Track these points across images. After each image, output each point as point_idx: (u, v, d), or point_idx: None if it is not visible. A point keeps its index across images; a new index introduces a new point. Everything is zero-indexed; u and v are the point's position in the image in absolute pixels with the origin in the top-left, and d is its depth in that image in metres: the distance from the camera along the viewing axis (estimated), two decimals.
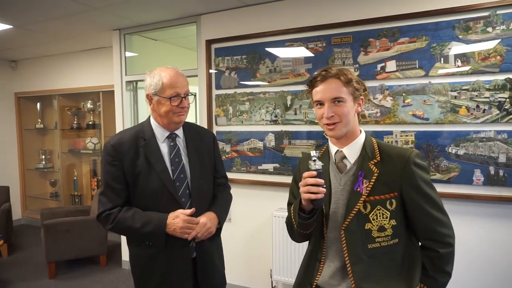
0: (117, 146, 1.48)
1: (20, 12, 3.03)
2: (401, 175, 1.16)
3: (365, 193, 1.17)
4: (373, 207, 1.17)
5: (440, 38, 2.29)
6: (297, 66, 2.75)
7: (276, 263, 2.83)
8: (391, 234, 1.17)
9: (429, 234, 1.18)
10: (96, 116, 4.88)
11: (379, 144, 1.24)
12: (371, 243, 1.18)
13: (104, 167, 1.50)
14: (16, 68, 5.30)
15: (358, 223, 1.18)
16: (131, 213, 1.46)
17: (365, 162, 1.20)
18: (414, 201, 1.17)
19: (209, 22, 3.10)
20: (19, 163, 5.38)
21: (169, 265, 1.49)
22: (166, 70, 1.50)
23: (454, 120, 2.28)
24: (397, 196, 1.17)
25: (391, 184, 1.17)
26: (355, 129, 1.23)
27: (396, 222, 1.17)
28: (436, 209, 1.17)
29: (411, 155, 1.17)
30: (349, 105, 1.19)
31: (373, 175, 1.17)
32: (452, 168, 2.30)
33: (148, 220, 1.44)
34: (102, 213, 1.48)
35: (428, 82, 2.33)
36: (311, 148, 2.73)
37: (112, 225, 1.46)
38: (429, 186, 1.18)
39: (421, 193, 1.16)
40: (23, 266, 3.81)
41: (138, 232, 1.44)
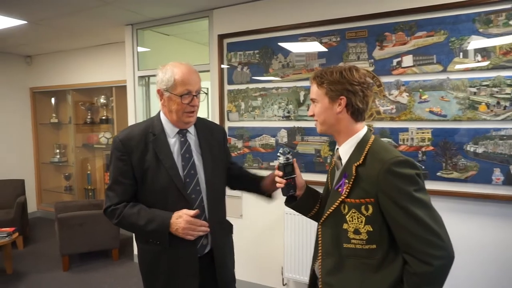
0: (125, 140, 1.46)
1: (34, 8, 3.05)
2: (376, 182, 1.11)
3: (344, 194, 1.18)
4: (350, 209, 1.17)
5: (459, 32, 2.21)
6: (310, 61, 2.70)
7: (287, 261, 2.81)
8: (366, 239, 1.15)
9: (405, 248, 1.11)
10: (109, 111, 4.92)
11: (372, 146, 1.19)
12: (346, 243, 1.19)
13: (112, 162, 1.48)
14: (31, 63, 5.37)
15: (335, 221, 1.21)
16: (137, 209, 1.44)
17: (350, 163, 1.20)
18: (388, 212, 1.11)
19: (221, 16, 3.07)
20: (35, 157, 5.47)
21: (176, 264, 1.48)
22: (179, 66, 1.47)
23: (473, 117, 2.20)
24: (374, 203, 1.13)
25: (368, 189, 1.14)
26: (347, 127, 1.22)
27: (372, 228, 1.14)
28: (416, 224, 1.06)
29: (388, 161, 1.10)
30: (323, 106, 1.22)
31: (351, 178, 1.17)
32: (470, 167, 2.23)
33: (152, 218, 1.42)
34: (108, 208, 1.47)
35: (446, 78, 2.26)
36: (324, 144, 2.69)
37: (118, 220, 1.45)
38: (409, 199, 1.07)
39: (396, 204, 1.08)
40: (38, 258, 3.88)
41: (142, 229, 1.43)
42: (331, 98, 1.20)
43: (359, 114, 1.22)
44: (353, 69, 1.20)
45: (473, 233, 2.24)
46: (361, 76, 1.20)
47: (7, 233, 3.34)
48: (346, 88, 1.18)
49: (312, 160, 2.74)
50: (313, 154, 2.74)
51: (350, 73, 1.18)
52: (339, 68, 1.21)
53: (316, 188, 1.48)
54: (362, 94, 1.19)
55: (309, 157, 2.75)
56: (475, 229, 2.25)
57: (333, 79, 1.19)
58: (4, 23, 3.44)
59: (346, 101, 1.19)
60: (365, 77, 1.21)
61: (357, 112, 1.21)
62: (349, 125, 1.22)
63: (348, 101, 1.19)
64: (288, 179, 1.34)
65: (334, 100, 1.20)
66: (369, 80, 1.24)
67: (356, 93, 1.18)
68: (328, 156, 2.68)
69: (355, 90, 1.18)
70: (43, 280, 3.36)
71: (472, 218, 2.26)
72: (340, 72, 1.19)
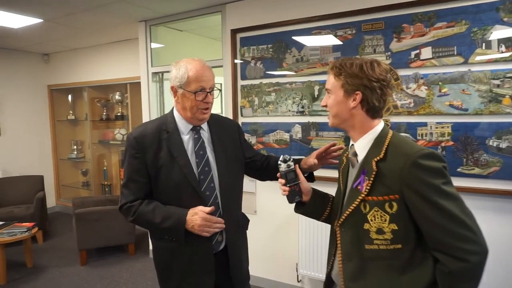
0: (139, 138, 1.45)
1: (50, 6, 3.08)
2: (401, 177, 1.04)
3: (365, 192, 1.10)
4: (371, 208, 1.10)
5: (481, 22, 2.12)
6: (325, 54, 2.64)
7: (302, 257, 2.78)
8: (391, 239, 1.07)
9: (437, 246, 1.03)
10: (124, 107, 4.96)
11: (392, 140, 1.12)
12: (368, 244, 1.11)
13: (126, 160, 1.47)
14: (49, 61, 5.46)
15: (356, 222, 1.14)
16: (152, 207, 1.44)
17: (369, 158, 1.13)
18: (416, 207, 1.03)
19: (234, 11, 3.03)
20: (53, 153, 5.58)
21: (191, 260, 1.47)
22: (193, 63, 1.45)
23: (496, 110, 2.11)
24: (399, 199, 1.06)
25: (391, 185, 1.06)
26: (362, 123, 1.16)
27: (397, 226, 1.06)
28: (448, 220, 0.99)
29: (414, 154, 1.03)
30: (337, 98, 1.16)
31: (372, 173, 1.09)
32: (493, 163, 2.15)
33: (168, 215, 1.41)
34: (123, 205, 1.46)
35: (468, 70, 2.17)
36: (340, 140, 2.64)
37: (133, 218, 1.45)
38: (440, 193, 1.01)
39: (425, 199, 1.01)
40: (57, 253, 3.97)
41: (158, 227, 1.42)
42: (347, 92, 1.14)
43: (375, 112, 1.15)
44: (374, 63, 1.13)
45: (495, 231, 2.15)
46: (382, 72, 1.12)
47: (27, 228, 3.42)
48: (364, 84, 1.11)
49: None
50: None
51: (371, 68, 1.11)
52: (360, 60, 1.13)
53: (333, 185, 1.43)
54: (380, 92, 1.12)
55: None
56: (497, 227, 2.17)
57: (352, 72, 1.12)
58: (22, 21, 3.50)
59: (361, 97, 1.12)
60: (386, 74, 1.13)
61: (372, 110, 1.14)
62: (364, 121, 1.16)
63: (363, 97, 1.12)
64: (292, 186, 1.32)
65: (349, 94, 1.14)
66: (390, 77, 1.16)
67: (373, 90, 1.11)
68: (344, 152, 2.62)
69: (373, 87, 1.11)
70: (62, 274, 3.44)
71: (495, 216, 2.18)
72: (360, 65, 1.12)
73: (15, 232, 3.33)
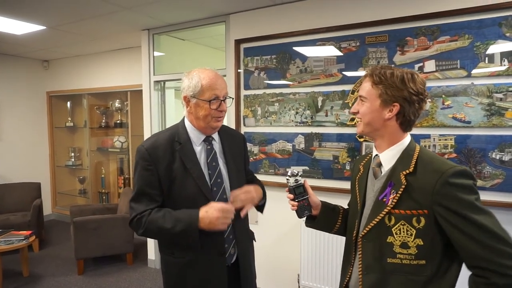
0: (151, 150, 1.43)
1: (53, 14, 3.09)
2: (432, 193, 1.02)
3: (391, 205, 1.09)
4: (397, 221, 1.08)
5: (484, 36, 2.16)
6: (329, 66, 2.66)
7: (304, 268, 2.77)
8: (415, 254, 1.06)
9: (476, 262, 1.00)
10: (124, 115, 4.95)
11: (421, 154, 1.11)
12: (391, 258, 1.09)
13: (137, 172, 1.43)
14: (48, 67, 5.45)
15: (379, 234, 1.12)
16: (162, 213, 1.40)
17: (397, 171, 1.11)
18: (451, 225, 1.01)
19: (238, 21, 3.06)
20: (50, 160, 5.53)
21: (205, 274, 1.44)
22: (205, 72, 1.44)
23: (499, 123, 2.14)
24: (428, 215, 1.04)
25: (420, 200, 1.05)
26: (392, 134, 1.14)
27: (423, 242, 1.05)
28: (486, 235, 0.98)
29: (447, 171, 1.02)
30: (372, 107, 1.13)
31: (400, 187, 1.08)
32: (496, 175, 2.17)
33: (179, 218, 1.36)
34: (134, 218, 1.42)
35: (471, 83, 2.20)
36: (343, 151, 2.65)
37: (144, 229, 1.40)
38: (474, 209, 1.00)
39: (461, 216, 1.00)
40: (53, 262, 3.90)
41: (170, 232, 1.36)
42: (384, 102, 1.11)
43: (408, 125, 1.14)
44: (415, 75, 1.11)
45: None
46: (422, 85, 1.11)
47: (24, 236, 3.37)
48: (403, 96, 1.09)
49: (330, 167, 2.70)
50: (331, 160, 2.69)
51: (412, 80, 1.10)
52: (401, 71, 1.11)
53: (335, 196, 1.42)
54: (417, 105, 1.11)
55: (327, 164, 2.71)
56: None
57: (392, 83, 1.10)
58: (24, 28, 3.50)
59: (399, 109, 1.10)
60: (424, 87, 1.12)
61: (406, 123, 1.13)
62: (395, 133, 1.14)
63: (401, 109, 1.10)
64: (301, 200, 1.31)
65: (387, 105, 1.11)
66: (427, 91, 1.15)
67: (412, 103, 1.10)
68: (347, 163, 2.63)
69: (412, 100, 1.09)
70: (59, 284, 3.38)
71: None
72: (401, 77, 1.10)
73: (12, 241, 3.28)
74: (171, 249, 1.47)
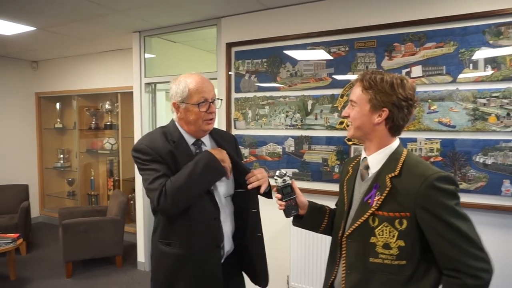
0: (151, 145, 1.43)
1: (44, 15, 3.07)
2: (416, 197, 1.06)
3: (375, 206, 1.12)
4: (381, 222, 1.12)
5: (469, 43, 2.22)
6: (318, 70, 2.71)
7: (293, 270, 2.79)
8: (397, 254, 1.10)
9: (451, 264, 1.06)
10: (114, 116, 4.92)
11: (407, 158, 1.14)
12: (373, 258, 1.13)
13: (144, 167, 1.42)
14: (37, 68, 5.40)
15: (363, 234, 1.15)
16: (178, 172, 1.39)
17: (383, 174, 1.14)
18: (431, 227, 1.06)
19: (229, 25, 3.09)
20: (38, 162, 5.47)
21: (199, 268, 1.44)
22: (191, 76, 1.47)
23: (483, 128, 2.20)
24: (410, 217, 1.08)
25: (404, 203, 1.08)
26: (381, 138, 1.18)
27: (405, 243, 1.09)
28: (463, 239, 1.04)
29: (431, 176, 1.05)
30: (362, 111, 1.16)
31: (385, 189, 1.11)
32: (479, 178, 2.23)
33: (195, 161, 1.40)
34: (160, 193, 1.35)
35: (456, 89, 2.26)
36: (332, 154, 2.69)
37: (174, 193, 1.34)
38: (453, 214, 1.05)
39: (441, 220, 1.04)
40: (41, 265, 3.86)
41: (195, 171, 1.36)
42: (374, 107, 1.14)
43: (396, 130, 1.17)
44: (404, 81, 1.14)
45: None
46: (411, 90, 1.14)
47: (11, 239, 3.33)
48: (392, 102, 1.11)
49: (319, 169, 2.74)
50: (320, 163, 2.73)
51: (401, 86, 1.12)
52: (390, 77, 1.14)
53: (324, 198, 1.45)
54: (406, 111, 1.13)
55: (316, 166, 2.75)
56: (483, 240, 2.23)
57: (381, 88, 1.12)
58: (15, 29, 3.47)
59: (388, 114, 1.13)
60: (414, 92, 1.14)
61: (395, 128, 1.16)
62: (384, 137, 1.17)
63: (390, 114, 1.13)
64: (288, 200, 1.35)
65: (376, 110, 1.14)
66: (416, 96, 1.17)
67: (401, 108, 1.12)
68: (336, 165, 2.67)
69: (401, 105, 1.12)
70: (47, 287, 3.34)
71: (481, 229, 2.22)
72: (391, 82, 1.12)
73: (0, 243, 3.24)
74: (168, 239, 1.46)
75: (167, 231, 1.48)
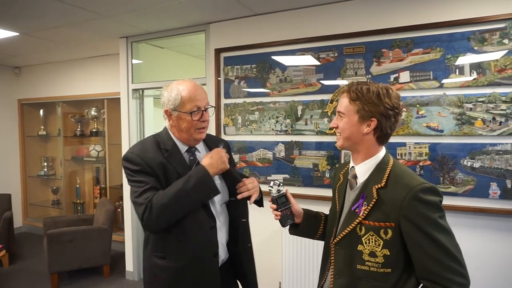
0: (142, 154, 1.40)
1: (28, 20, 3.00)
2: (400, 207, 1.08)
3: (362, 216, 1.15)
4: (367, 231, 1.14)
5: (454, 50, 2.27)
6: (308, 76, 2.72)
7: (285, 276, 2.78)
8: (382, 263, 1.12)
9: (427, 275, 1.08)
10: (100, 123, 4.84)
11: (394, 169, 1.17)
12: (360, 265, 1.16)
13: (133, 177, 1.38)
14: (20, 74, 5.27)
15: (350, 242, 1.18)
16: (169, 187, 1.35)
17: (370, 184, 1.17)
18: (411, 237, 1.08)
19: (218, 30, 3.08)
20: (21, 170, 5.31)
21: (197, 278, 1.41)
22: (184, 83, 1.44)
23: (470, 132, 2.24)
24: (394, 227, 1.10)
25: (389, 213, 1.11)
26: (369, 148, 1.20)
27: (390, 252, 1.11)
28: (441, 252, 1.05)
29: (415, 187, 1.08)
30: (350, 122, 1.18)
31: (371, 200, 1.14)
32: (467, 181, 2.26)
33: (187, 177, 1.35)
34: (145, 208, 1.31)
35: (443, 94, 2.30)
36: (322, 159, 2.69)
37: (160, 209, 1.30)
38: (435, 226, 1.06)
39: (421, 231, 1.06)
40: (25, 277, 3.74)
41: (185, 188, 1.32)
42: (362, 118, 1.16)
43: (384, 139, 1.19)
44: (390, 90, 1.16)
45: (470, 247, 2.25)
46: (397, 99, 1.16)
47: None
48: (380, 112, 1.14)
49: (310, 175, 2.74)
50: (311, 168, 2.73)
51: (387, 95, 1.14)
52: (376, 87, 1.15)
53: (315, 203, 1.45)
54: (393, 119, 1.16)
55: (307, 172, 2.75)
56: (472, 242, 2.27)
57: (369, 99, 1.14)
58: None
59: (376, 124, 1.15)
60: (399, 101, 1.17)
61: (383, 137, 1.18)
62: (371, 147, 1.19)
63: (378, 124, 1.15)
64: (283, 210, 1.36)
65: (364, 120, 1.16)
66: (402, 104, 1.19)
67: (388, 118, 1.15)
68: (326, 171, 2.68)
69: (388, 114, 1.14)
70: None
71: (469, 232, 2.28)
72: (377, 92, 1.14)
73: None
74: (163, 253, 1.43)
75: (161, 244, 1.44)
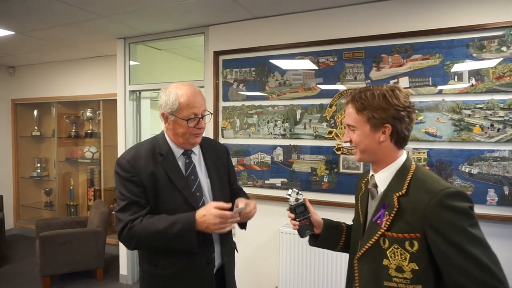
0: (133, 161, 1.40)
1: (25, 19, 2.96)
2: (423, 215, 0.98)
3: (384, 227, 1.05)
4: (391, 244, 1.04)
5: (453, 56, 2.28)
6: (307, 80, 2.72)
7: (282, 280, 2.76)
8: (411, 278, 1.01)
9: None
10: (95, 124, 4.79)
11: (416, 174, 1.07)
12: (387, 281, 1.05)
13: (120, 184, 1.38)
14: (14, 74, 5.21)
15: (374, 257, 1.09)
16: (156, 217, 1.34)
17: (390, 192, 1.08)
18: (439, 249, 0.97)
19: (217, 33, 3.07)
20: (14, 171, 5.24)
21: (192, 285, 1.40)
22: (183, 88, 1.41)
23: (468, 138, 2.26)
24: (420, 238, 1.00)
25: (413, 223, 1.00)
26: (387, 156, 1.11)
27: (418, 266, 1.00)
28: (471, 264, 0.93)
29: (440, 192, 0.96)
30: (362, 133, 1.10)
31: (393, 209, 1.04)
32: (465, 187, 2.27)
33: (175, 220, 1.31)
34: (123, 228, 1.33)
35: (442, 100, 2.31)
36: (321, 163, 2.69)
37: (137, 238, 1.31)
38: (465, 236, 0.94)
39: (449, 241, 0.95)
40: (16, 279, 3.67)
41: (166, 233, 1.29)
42: (374, 126, 1.07)
43: (403, 142, 1.10)
44: (396, 90, 1.07)
45: None
46: (406, 98, 1.07)
47: None
48: (392, 115, 1.05)
49: (308, 179, 2.73)
50: (309, 172, 2.73)
51: (395, 96, 1.06)
52: (381, 90, 1.07)
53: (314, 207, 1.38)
54: (408, 120, 1.07)
55: (305, 176, 2.74)
56: None
57: (376, 105, 1.06)
58: None
59: (391, 129, 1.06)
60: (409, 98, 1.09)
61: (401, 140, 1.10)
62: (390, 153, 1.11)
63: (393, 129, 1.06)
64: (302, 219, 1.29)
65: (378, 128, 1.07)
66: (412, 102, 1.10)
67: (402, 119, 1.06)
68: (325, 175, 2.67)
69: (401, 116, 1.06)
70: None
71: None
72: (383, 95, 1.06)
73: None
74: (155, 260, 1.42)
75: (152, 252, 1.43)
